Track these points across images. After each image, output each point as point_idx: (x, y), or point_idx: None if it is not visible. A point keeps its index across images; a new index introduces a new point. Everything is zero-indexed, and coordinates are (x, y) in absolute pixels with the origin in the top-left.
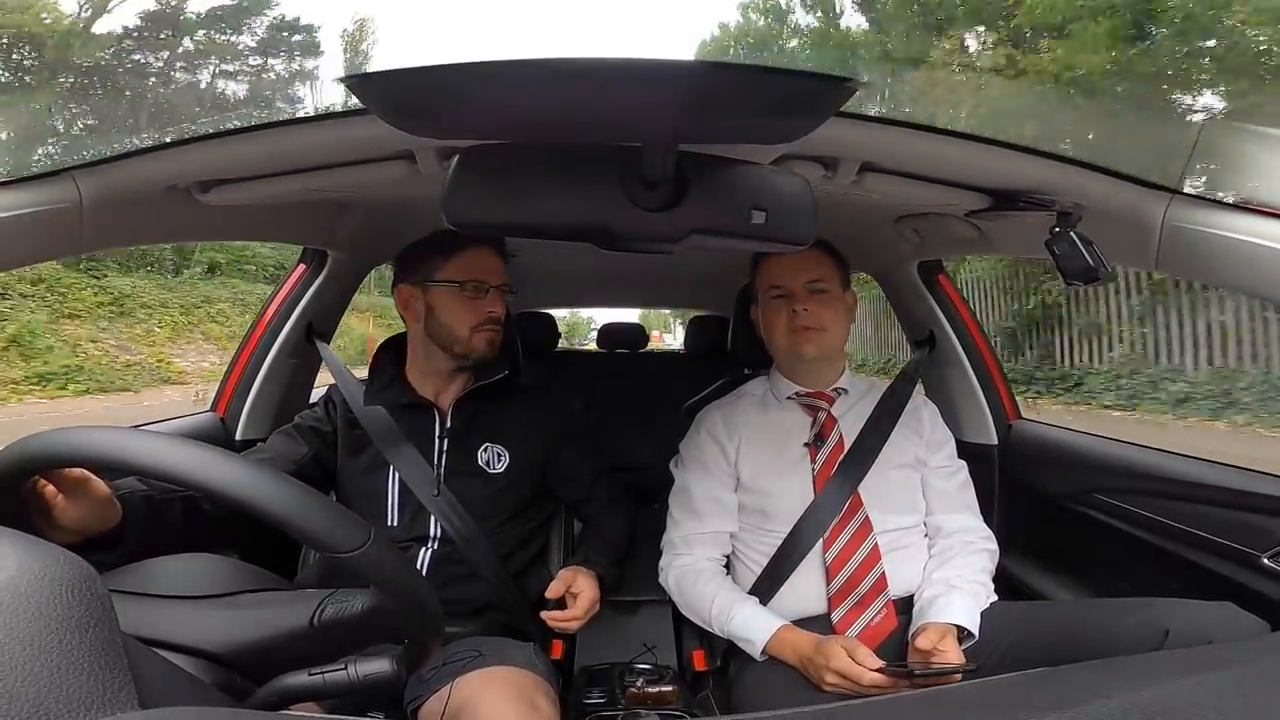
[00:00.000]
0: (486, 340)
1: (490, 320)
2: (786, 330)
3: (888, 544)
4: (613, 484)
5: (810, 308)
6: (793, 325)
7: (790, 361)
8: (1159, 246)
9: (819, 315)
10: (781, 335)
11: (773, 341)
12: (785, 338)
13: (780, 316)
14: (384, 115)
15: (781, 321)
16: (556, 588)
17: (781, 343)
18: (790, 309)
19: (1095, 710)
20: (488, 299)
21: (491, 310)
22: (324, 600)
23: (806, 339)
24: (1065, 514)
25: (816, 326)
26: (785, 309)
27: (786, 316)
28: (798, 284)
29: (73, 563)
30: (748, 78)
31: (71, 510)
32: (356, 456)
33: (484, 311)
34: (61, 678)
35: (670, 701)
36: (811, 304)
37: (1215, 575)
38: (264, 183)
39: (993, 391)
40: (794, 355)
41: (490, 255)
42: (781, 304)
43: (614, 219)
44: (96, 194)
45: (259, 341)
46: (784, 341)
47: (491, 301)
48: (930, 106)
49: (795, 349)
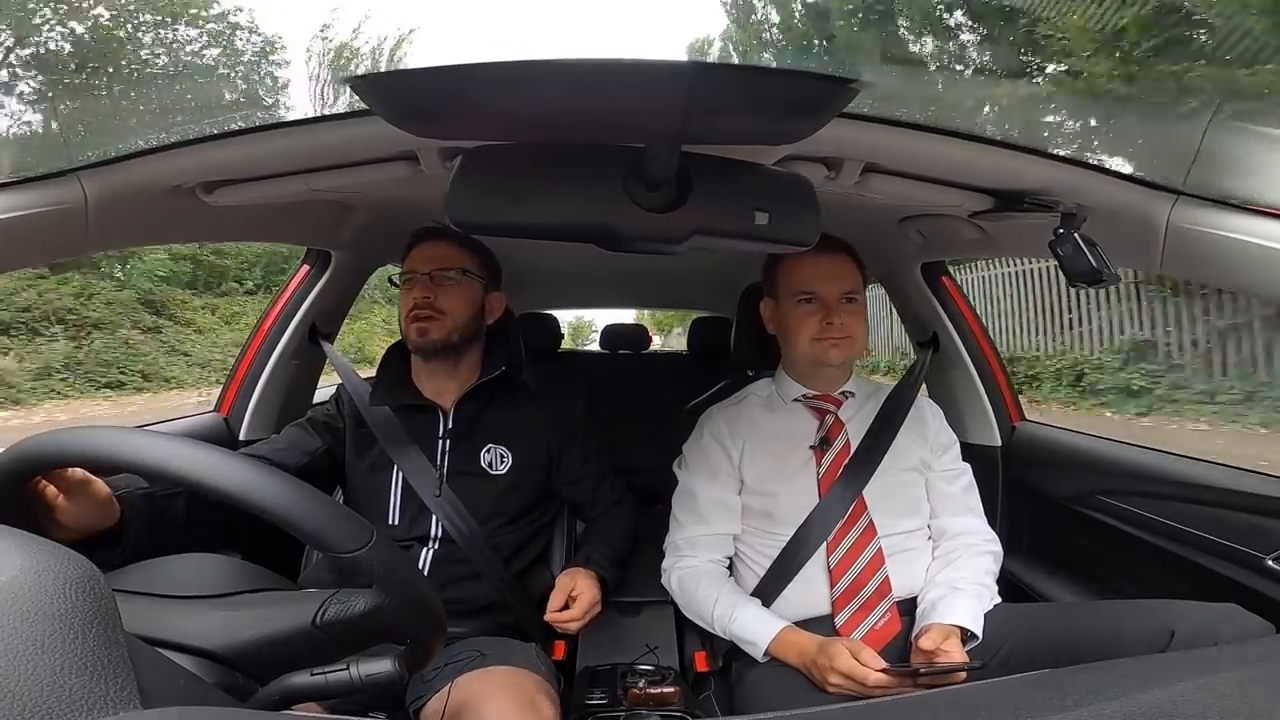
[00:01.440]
0: (416, 330)
1: (414, 307)
2: (814, 337)
3: (892, 547)
4: (617, 486)
5: (844, 319)
6: (822, 333)
7: (811, 366)
8: (1164, 248)
9: (849, 325)
10: (807, 341)
11: (795, 345)
12: (811, 344)
13: (809, 323)
14: (387, 116)
15: (810, 328)
16: (557, 598)
17: (806, 348)
18: (822, 318)
19: (1100, 712)
20: (416, 288)
21: (414, 297)
22: (326, 600)
23: (834, 345)
24: (1069, 516)
25: (846, 336)
26: (815, 316)
27: (817, 324)
28: (833, 295)
29: (76, 562)
30: (751, 78)
31: (72, 510)
32: (362, 455)
33: (411, 299)
34: (64, 677)
35: (672, 702)
36: (845, 315)
37: (1220, 577)
38: (268, 183)
39: (996, 393)
40: (818, 361)
41: (433, 245)
42: (811, 311)
43: (617, 220)
44: (101, 194)
45: (262, 342)
46: (809, 347)
47: (418, 289)
48: (933, 107)
49: (821, 355)
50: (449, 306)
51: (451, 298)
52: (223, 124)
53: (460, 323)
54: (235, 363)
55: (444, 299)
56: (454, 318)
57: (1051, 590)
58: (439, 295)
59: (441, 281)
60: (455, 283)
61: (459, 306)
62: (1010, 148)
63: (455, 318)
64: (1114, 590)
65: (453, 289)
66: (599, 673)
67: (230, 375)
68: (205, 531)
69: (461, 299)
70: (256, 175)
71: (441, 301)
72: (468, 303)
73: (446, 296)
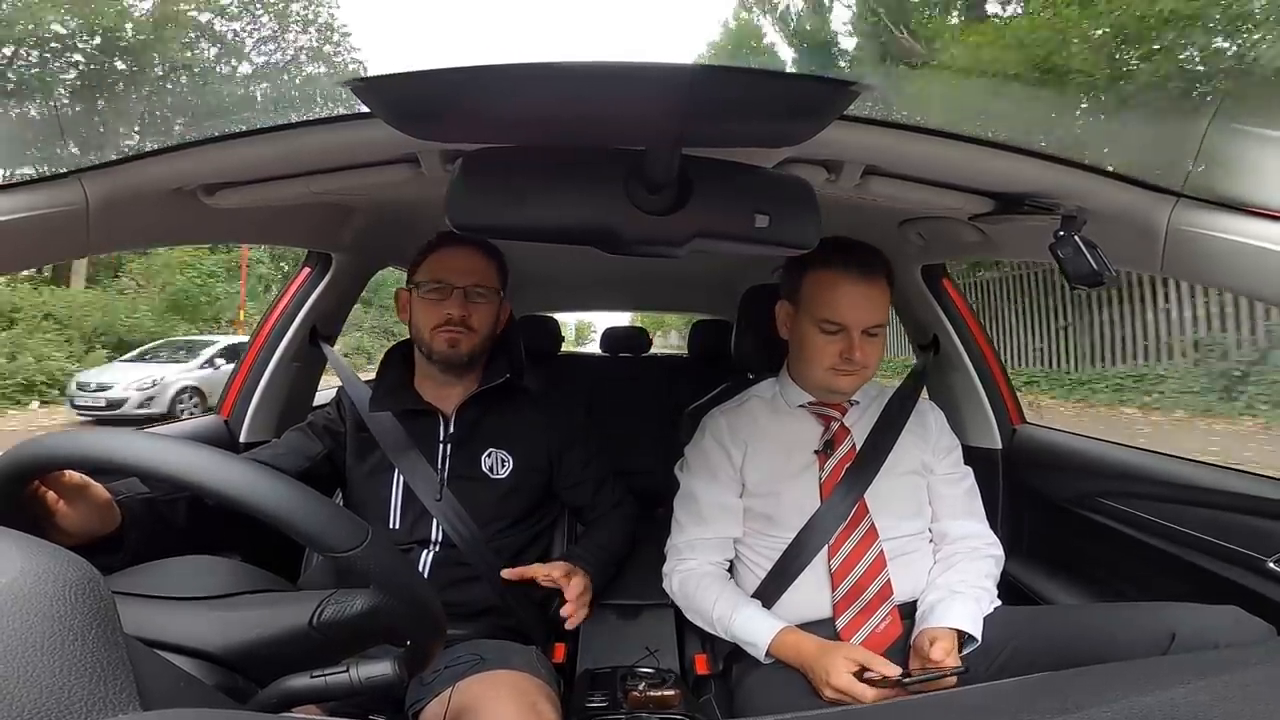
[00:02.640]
0: (446, 342)
1: (447, 322)
2: (830, 366)
3: (893, 550)
4: (618, 489)
5: (865, 351)
6: (839, 364)
7: (821, 390)
8: (1164, 250)
9: (867, 356)
10: (821, 369)
11: (808, 367)
12: (826, 373)
13: (829, 350)
14: (388, 119)
15: (829, 356)
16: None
17: (820, 375)
18: (844, 350)
19: (1101, 715)
20: (450, 300)
21: (449, 312)
22: (323, 601)
23: (849, 374)
24: (1070, 518)
25: (864, 366)
26: (836, 345)
27: (837, 354)
28: (859, 327)
29: (76, 564)
30: (751, 81)
31: (72, 515)
32: (363, 459)
33: (442, 313)
34: (64, 679)
35: (672, 705)
36: (866, 346)
37: (1221, 579)
38: (269, 185)
39: (996, 395)
40: (829, 389)
41: (464, 255)
42: (833, 340)
43: (617, 223)
44: (102, 196)
45: (263, 345)
46: (824, 375)
47: (452, 303)
48: (933, 109)
49: (832, 384)
50: (479, 323)
51: (482, 314)
52: (223, 126)
53: (485, 338)
54: (236, 365)
55: (476, 316)
56: (481, 334)
57: (1052, 593)
58: (472, 312)
59: (474, 298)
60: (487, 300)
61: (486, 323)
62: (1011, 150)
63: (482, 334)
64: (1115, 593)
65: (483, 306)
66: (599, 675)
67: (231, 378)
68: (206, 536)
69: (489, 315)
70: (257, 177)
71: (474, 319)
72: (492, 319)
73: (478, 313)
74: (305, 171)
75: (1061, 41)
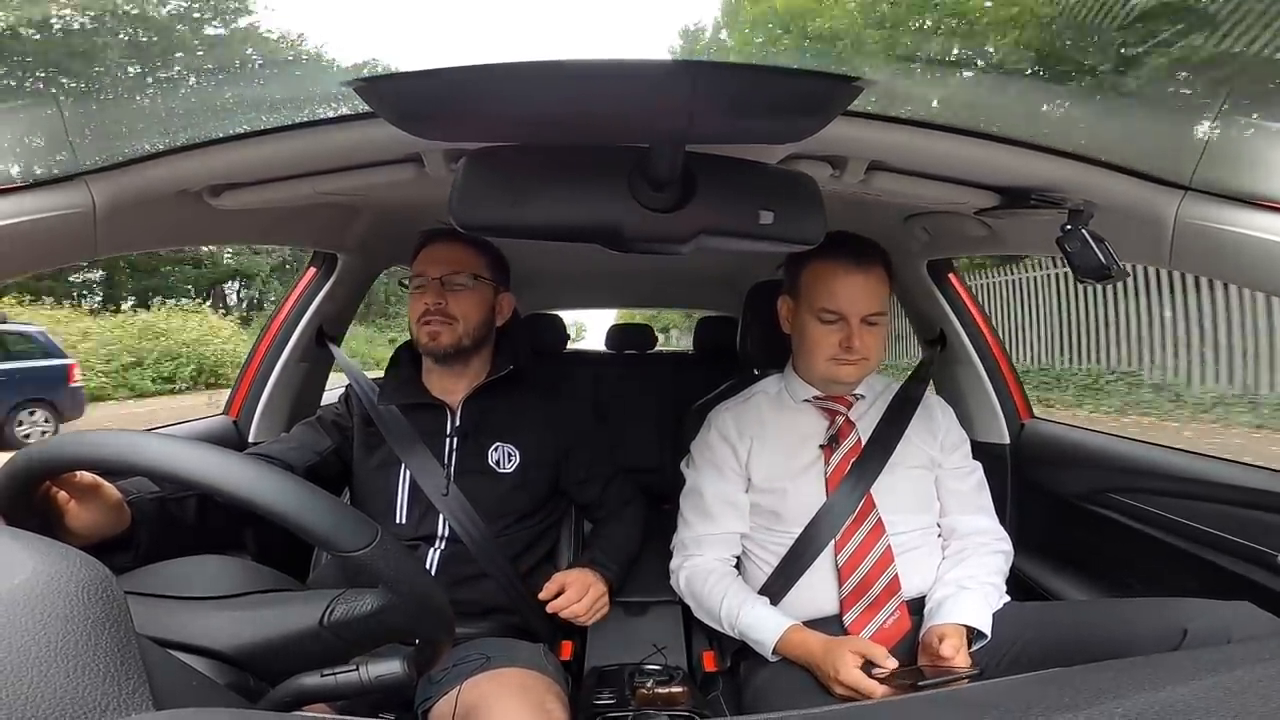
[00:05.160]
0: (427, 334)
1: (426, 313)
2: (831, 356)
3: (901, 545)
4: (625, 486)
5: (865, 340)
6: (839, 354)
7: (824, 382)
8: (1172, 243)
9: (868, 345)
10: (822, 359)
11: (810, 359)
12: (827, 363)
13: (828, 342)
14: (391, 119)
15: (829, 346)
16: (549, 589)
17: (822, 366)
18: (843, 340)
19: (1111, 711)
20: (428, 291)
21: (426, 302)
22: (333, 600)
23: (850, 364)
24: (1079, 513)
25: (864, 356)
26: (835, 336)
27: (836, 344)
28: (857, 316)
29: (89, 564)
30: (755, 77)
31: (84, 515)
32: (370, 454)
33: (422, 304)
34: (77, 679)
35: (680, 702)
36: (866, 335)
37: (1232, 575)
38: (274, 186)
39: (1005, 390)
40: (832, 379)
41: (443, 248)
42: (832, 330)
43: (622, 220)
44: (109, 198)
45: (270, 345)
46: (825, 366)
47: (429, 293)
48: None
49: (835, 375)
50: (460, 312)
51: (462, 303)
52: (229, 127)
53: (472, 327)
54: (244, 366)
55: (455, 304)
56: (465, 323)
57: (1061, 588)
58: (450, 301)
59: (452, 286)
60: (466, 288)
61: (470, 312)
62: (1016, 144)
63: (466, 323)
64: (1125, 588)
65: (463, 294)
66: (607, 673)
67: (239, 378)
68: (216, 535)
69: (472, 304)
70: (263, 178)
71: (452, 307)
72: (478, 307)
73: (457, 302)
74: (310, 172)
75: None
